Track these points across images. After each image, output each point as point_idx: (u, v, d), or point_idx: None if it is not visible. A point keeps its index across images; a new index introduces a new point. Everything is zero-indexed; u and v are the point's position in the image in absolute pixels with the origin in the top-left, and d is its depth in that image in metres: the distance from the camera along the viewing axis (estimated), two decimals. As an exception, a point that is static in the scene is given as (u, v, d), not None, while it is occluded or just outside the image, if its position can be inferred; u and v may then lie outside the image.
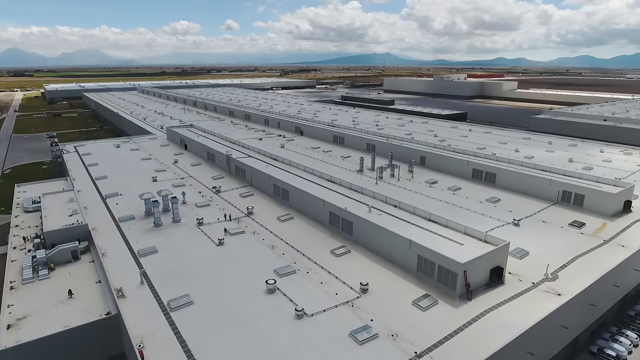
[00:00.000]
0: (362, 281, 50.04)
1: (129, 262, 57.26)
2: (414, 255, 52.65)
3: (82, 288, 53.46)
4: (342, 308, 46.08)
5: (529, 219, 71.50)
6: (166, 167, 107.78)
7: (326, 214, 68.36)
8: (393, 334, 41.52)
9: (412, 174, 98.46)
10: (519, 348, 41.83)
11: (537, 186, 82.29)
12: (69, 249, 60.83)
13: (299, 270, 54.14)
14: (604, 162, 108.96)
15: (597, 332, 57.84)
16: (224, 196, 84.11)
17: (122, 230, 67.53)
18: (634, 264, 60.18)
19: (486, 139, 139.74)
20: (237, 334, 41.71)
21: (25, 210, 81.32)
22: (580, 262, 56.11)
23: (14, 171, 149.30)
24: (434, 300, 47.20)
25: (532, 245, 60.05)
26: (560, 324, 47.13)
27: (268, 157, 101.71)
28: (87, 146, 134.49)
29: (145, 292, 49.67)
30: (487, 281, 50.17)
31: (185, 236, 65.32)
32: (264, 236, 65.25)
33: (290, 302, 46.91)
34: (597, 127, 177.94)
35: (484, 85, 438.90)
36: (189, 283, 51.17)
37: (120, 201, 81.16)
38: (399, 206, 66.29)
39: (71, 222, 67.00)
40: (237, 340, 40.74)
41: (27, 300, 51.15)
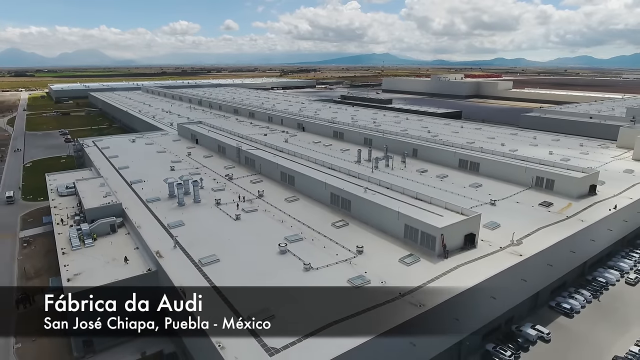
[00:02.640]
0: (357, 245, 60.51)
1: (160, 232, 67.61)
2: (402, 224, 63.09)
3: (124, 253, 63.91)
4: (341, 264, 56.46)
5: (504, 200, 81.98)
6: (181, 158, 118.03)
7: (327, 195, 78.80)
8: (382, 281, 51.88)
9: (404, 164, 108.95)
10: (483, 292, 52.25)
11: (514, 173, 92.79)
12: (108, 222, 71.36)
13: (305, 238, 64.51)
14: (581, 155, 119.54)
15: (556, 291, 68.23)
16: (236, 182, 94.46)
17: (151, 209, 77.88)
18: (590, 235, 70.61)
19: (476, 134, 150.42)
20: (258, 281, 52.02)
21: (60, 195, 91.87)
22: (543, 232, 66.51)
23: (34, 165, 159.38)
24: (417, 258, 57.63)
25: (503, 220, 70.41)
26: (520, 278, 57.56)
27: (274, 150, 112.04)
28: (104, 141, 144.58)
29: (178, 253, 60.06)
30: (462, 245, 60.50)
31: (206, 213, 75.76)
32: (274, 213, 75.65)
33: (299, 260, 57.33)
34: (583, 124, 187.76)
35: (480, 85, 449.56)
36: (214, 247, 61.42)
37: (145, 186, 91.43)
38: (390, 188, 76.67)
39: (107, 202, 77.47)
40: (258, 285, 51.02)
41: (79, 261, 61.60)
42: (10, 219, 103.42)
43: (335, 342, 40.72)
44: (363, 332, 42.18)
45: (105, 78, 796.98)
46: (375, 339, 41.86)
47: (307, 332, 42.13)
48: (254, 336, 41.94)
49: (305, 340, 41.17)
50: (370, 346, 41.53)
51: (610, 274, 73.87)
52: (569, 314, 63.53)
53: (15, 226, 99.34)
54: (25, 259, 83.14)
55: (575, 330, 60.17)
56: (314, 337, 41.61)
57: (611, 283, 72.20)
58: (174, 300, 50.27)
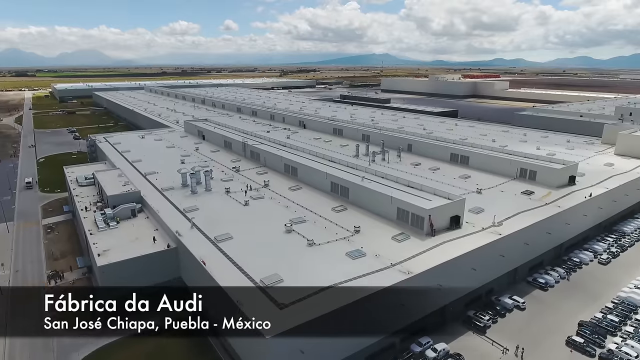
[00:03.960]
0: (355, 225, 67.97)
1: (178, 216, 74.97)
2: (394, 208, 70.56)
3: (145, 234, 71.37)
4: (340, 241, 63.84)
5: (490, 189, 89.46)
6: (189, 153, 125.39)
7: (328, 184, 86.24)
8: (377, 254, 59.23)
9: (399, 158, 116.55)
10: (464, 264, 59.72)
11: (500, 165, 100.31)
12: (129, 208, 78.78)
13: (308, 220, 71.91)
14: (566, 150, 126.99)
15: (534, 268, 75.67)
16: (243, 174, 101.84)
17: (166, 196, 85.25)
18: (565, 219, 78.11)
19: (469, 131, 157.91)
20: (267, 254, 59.40)
21: (80, 185, 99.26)
22: (522, 216, 73.93)
23: (47, 160, 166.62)
24: (407, 236, 65.05)
25: (487, 205, 77.81)
26: (499, 254, 65.04)
27: (278, 144, 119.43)
28: (115, 137, 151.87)
29: (195, 232, 67.42)
30: (448, 226, 67.88)
31: (217, 200, 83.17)
32: (279, 200, 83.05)
33: (303, 237, 64.71)
34: (573, 123, 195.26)
35: (477, 85, 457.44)
36: (227, 227, 68.66)
37: (159, 177, 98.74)
38: (385, 177, 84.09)
39: (126, 190, 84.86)
40: (267, 257, 58.41)
41: (106, 240, 68.99)
42: (32, 209, 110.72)
43: (334, 299, 48.05)
44: (358, 292, 49.56)
45: (105, 78, 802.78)
46: (368, 298, 49.24)
47: (311, 292, 49.44)
48: (266, 295, 49.29)
49: (310, 298, 48.47)
50: (365, 302, 48.91)
51: (584, 255, 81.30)
52: (544, 287, 70.95)
53: (37, 215, 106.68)
54: (50, 243, 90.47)
55: (548, 301, 67.56)
56: (316, 295, 48.95)
57: (585, 263, 79.65)
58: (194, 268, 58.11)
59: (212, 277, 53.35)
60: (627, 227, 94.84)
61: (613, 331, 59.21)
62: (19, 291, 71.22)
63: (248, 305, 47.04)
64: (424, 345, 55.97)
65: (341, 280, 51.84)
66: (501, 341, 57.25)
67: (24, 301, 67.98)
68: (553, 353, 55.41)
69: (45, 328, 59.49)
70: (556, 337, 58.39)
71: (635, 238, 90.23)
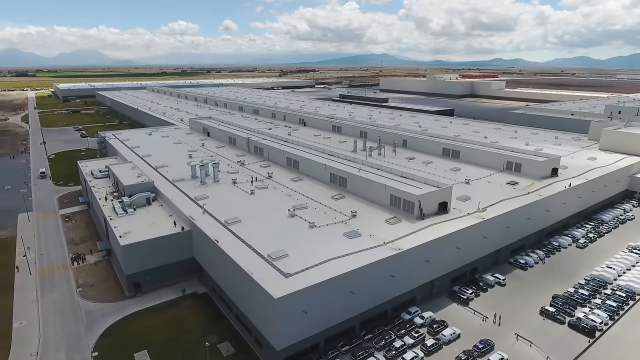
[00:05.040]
0: (352, 210, 74.87)
1: (189, 203, 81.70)
2: (388, 195, 77.41)
3: (161, 219, 78.18)
4: (338, 224, 70.62)
5: (478, 180, 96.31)
6: (196, 148, 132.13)
7: (327, 175, 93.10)
8: (371, 235, 66.00)
9: (395, 152, 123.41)
10: (449, 243, 66.59)
11: (488, 159, 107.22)
12: (144, 196, 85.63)
13: (309, 207, 78.70)
14: (554, 146, 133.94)
15: (516, 251, 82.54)
16: (248, 167, 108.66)
17: (178, 186, 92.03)
18: (545, 206, 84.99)
19: (463, 128, 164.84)
20: (273, 234, 66.16)
21: (95, 177, 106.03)
22: (505, 203, 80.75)
23: (57, 156, 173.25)
24: (399, 219, 71.86)
25: (474, 194, 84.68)
26: (482, 235, 71.91)
27: (280, 140, 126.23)
28: (123, 134, 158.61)
29: (207, 217, 74.17)
30: (436, 211, 74.71)
31: (225, 189, 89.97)
32: (282, 190, 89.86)
33: (305, 220, 71.53)
34: (564, 120, 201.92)
35: (474, 85, 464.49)
36: (235, 212, 75.41)
37: (169, 170, 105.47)
38: (380, 169, 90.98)
39: (141, 180, 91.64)
40: (273, 237, 65.17)
41: (125, 224, 75.72)
42: (48, 201, 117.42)
43: (332, 269, 54.80)
44: (354, 264, 56.36)
45: (105, 78, 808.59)
46: (362, 268, 56.06)
47: (312, 264, 56.24)
48: (273, 267, 56.07)
49: (311, 269, 55.22)
50: (359, 272, 55.71)
51: (563, 240, 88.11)
52: (524, 267, 77.77)
53: (54, 206, 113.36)
54: (69, 230, 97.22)
55: (527, 279, 74.36)
56: (317, 267, 55.72)
57: (563, 247, 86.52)
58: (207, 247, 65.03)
59: (225, 253, 60.13)
60: (606, 216, 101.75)
61: (583, 303, 66.01)
62: (45, 271, 78.35)
63: (258, 275, 53.83)
64: (412, 313, 62.83)
65: (338, 255, 58.64)
66: (482, 311, 64.07)
67: (50, 279, 75.20)
68: (527, 320, 62.18)
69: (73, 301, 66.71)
70: (531, 307, 65.22)
71: (612, 226, 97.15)
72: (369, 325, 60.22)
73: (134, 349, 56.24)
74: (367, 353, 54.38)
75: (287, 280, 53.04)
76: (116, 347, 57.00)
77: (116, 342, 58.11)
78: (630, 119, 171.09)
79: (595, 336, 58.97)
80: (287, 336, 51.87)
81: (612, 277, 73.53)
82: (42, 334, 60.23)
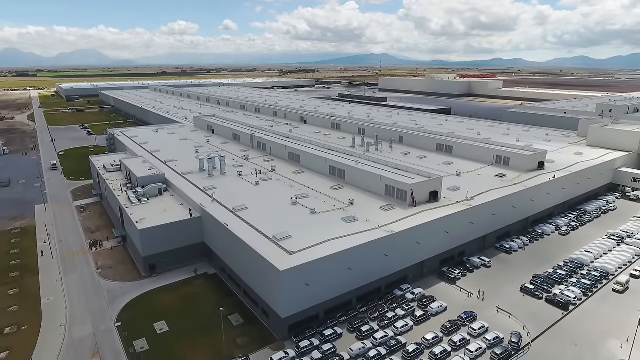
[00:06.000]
0: (350, 199, 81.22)
1: (199, 193, 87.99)
2: (383, 185, 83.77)
3: (173, 207, 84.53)
4: (337, 211, 76.93)
5: (469, 173, 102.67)
6: (201, 144, 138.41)
7: (327, 168, 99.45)
8: (367, 219, 72.30)
9: (391, 148, 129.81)
10: (438, 227, 72.97)
11: (479, 153, 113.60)
12: (156, 187, 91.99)
13: (310, 196, 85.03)
14: (543, 142, 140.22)
15: (502, 237, 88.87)
16: (252, 161, 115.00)
17: (187, 178, 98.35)
18: (530, 196, 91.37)
19: (458, 126, 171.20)
20: (277, 219, 72.46)
21: (107, 171, 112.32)
22: (491, 192, 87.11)
23: (66, 153, 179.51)
24: (393, 206, 78.19)
25: (463, 185, 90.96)
26: (469, 221, 78.25)
27: (282, 136, 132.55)
28: (131, 131, 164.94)
29: (216, 205, 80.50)
30: (427, 199, 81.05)
31: (231, 180, 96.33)
32: (285, 181, 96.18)
33: (306, 208, 77.89)
34: (557, 118, 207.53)
35: (472, 84, 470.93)
36: (242, 201, 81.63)
37: (178, 164, 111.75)
38: (377, 162, 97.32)
39: (152, 172, 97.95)
40: (278, 222, 71.45)
41: (140, 212, 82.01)
42: (62, 194, 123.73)
43: (331, 248, 61.11)
44: (351, 243, 62.69)
45: (106, 78, 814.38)
46: (358, 247, 62.39)
47: (313, 243, 62.52)
48: (278, 246, 62.38)
49: (312, 248, 61.48)
50: (355, 251, 62.06)
51: (547, 227, 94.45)
52: (509, 251, 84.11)
53: (68, 198, 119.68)
54: (84, 220, 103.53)
55: (511, 261, 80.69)
56: (317, 246, 62.02)
57: (547, 234, 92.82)
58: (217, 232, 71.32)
59: (235, 235, 66.48)
60: (589, 206, 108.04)
61: (560, 282, 72.34)
62: (66, 255, 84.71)
63: (265, 252, 60.16)
64: (404, 290, 69.15)
65: (337, 237, 64.95)
66: (468, 289, 70.38)
67: (71, 262, 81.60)
68: (508, 296, 68.48)
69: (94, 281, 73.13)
70: (513, 286, 71.52)
71: (595, 215, 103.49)
72: (365, 300, 66.59)
73: (153, 320, 62.54)
74: (362, 322, 60.72)
75: (291, 256, 59.35)
76: (137, 318, 63.31)
77: (136, 314, 64.43)
78: (618, 116, 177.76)
79: (569, 309, 65.28)
80: (291, 306, 58.21)
81: (589, 260, 79.87)
82: (69, 308, 66.53)
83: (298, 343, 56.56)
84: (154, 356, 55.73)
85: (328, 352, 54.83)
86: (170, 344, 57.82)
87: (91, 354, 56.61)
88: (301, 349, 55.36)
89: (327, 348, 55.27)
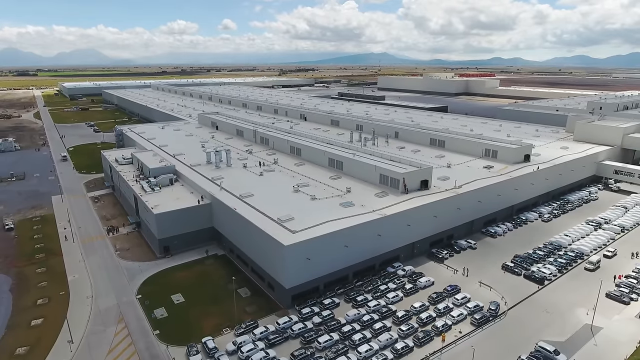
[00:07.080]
0: (347, 187, 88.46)
1: (208, 182, 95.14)
2: (377, 174, 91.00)
3: (184, 195, 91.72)
4: (336, 197, 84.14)
5: (459, 165, 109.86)
6: (207, 140, 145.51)
7: (326, 160, 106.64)
8: (362, 205, 79.48)
9: (387, 142, 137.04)
10: (427, 211, 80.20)
11: (469, 147, 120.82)
12: (167, 177, 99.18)
13: (310, 185, 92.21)
14: (533, 137, 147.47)
15: (489, 223, 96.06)
16: (255, 155, 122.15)
17: (196, 170, 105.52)
18: (514, 185, 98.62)
19: (452, 122, 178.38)
20: (281, 204, 79.61)
21: (120, 164, 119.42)
22: (478, 182, 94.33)
23: (75, 149, 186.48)
24: (386, 194, 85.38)
25: (453, 175, 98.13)
26: (456, 207, 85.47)
27: (283, 132, 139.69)
28: (138, 127, 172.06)
29: (224, 192, 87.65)
30: (418, 188, 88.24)
31: (237, 172, 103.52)
32: (287, 172, 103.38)
33: (307, 194, 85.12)
34: (548, 116, 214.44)
35: (469, 83, 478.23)
36: (248, 189, 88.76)
37: (186, 157, 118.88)
38: (372, 154, 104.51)
39: (163, 164, 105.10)
40: (281, 206, 78.60)
41: (154, 199, 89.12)
42: (75, 186, 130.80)
43: (329, 228, 68.29)
44: (346, 224, 69.88)
45: (106, 77, 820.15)
46: (353, 228, 69.59)
47: (314, 224, 69.69)
48: (282, 226, 69.55)
49: (313, 228, 68.64)
50: (351, 230, 69.28)
51: (531, 214, 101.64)
52: (494, 235, 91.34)
53: (81, 190, 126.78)
54: (99, 209, 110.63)
55: (495, 244, 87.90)
56: (317, 226, 69.19)
57: (530, 220, 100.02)
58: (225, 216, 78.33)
59: (243, 217, 73.69)
60: (572, 196, 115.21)
61: (538, 261, 79.52)
62: (86, 240, 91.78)
63: (271, 230, 67.34)
64: (396, 267, 76.36)
65: (335, 218, 72.14)
66: (454, 267, 77.61)
67: (91, 246, 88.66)
68: (490, 273, 75.66)
69: (114, 261, 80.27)
70: (495, 265, 78.71)
71: (576, 204, 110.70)
72: (360, 275, 73.78)
73: (170, 293, 69.70)
74: (357, 294, 67.94)
75: (294, 234, 66.51)
76: (155, 292, 70.44)
77: (155, 288, 71.57)
78: (607, 113, 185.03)
79: (544, 284, 72.47)
80: (294, 277, 65.37)
81: (567, 243, 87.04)
82: (93, 284, 73.67)
83: (300, 310, 63.74)
84: (173, 321, 62.89)
85: (327, 317, 62.05)
86: (187, 312, 65.02)
87: (116, 320, 63.73)
88: (303, 314, 62.56)
89: (326, 314, 62.47)
